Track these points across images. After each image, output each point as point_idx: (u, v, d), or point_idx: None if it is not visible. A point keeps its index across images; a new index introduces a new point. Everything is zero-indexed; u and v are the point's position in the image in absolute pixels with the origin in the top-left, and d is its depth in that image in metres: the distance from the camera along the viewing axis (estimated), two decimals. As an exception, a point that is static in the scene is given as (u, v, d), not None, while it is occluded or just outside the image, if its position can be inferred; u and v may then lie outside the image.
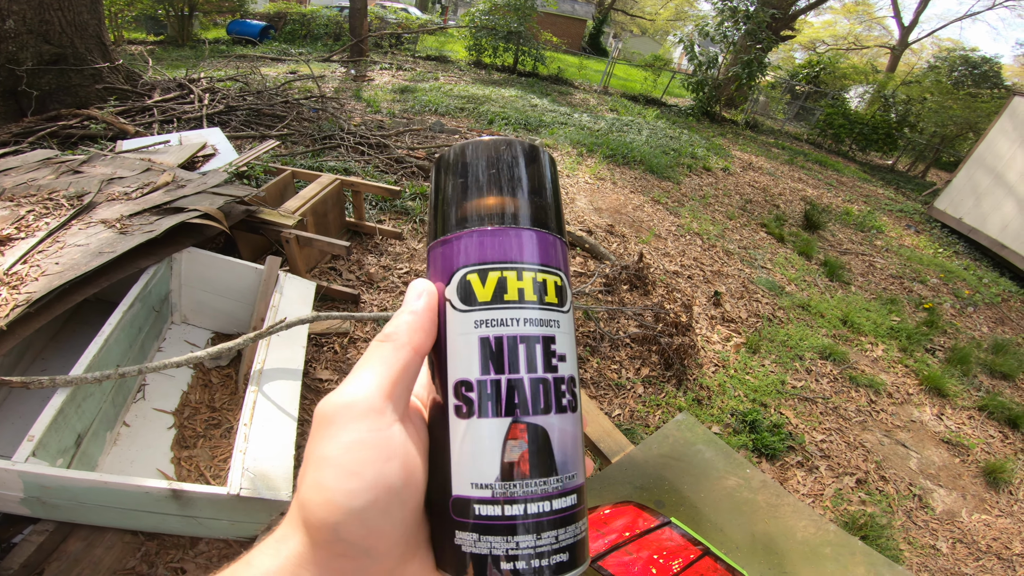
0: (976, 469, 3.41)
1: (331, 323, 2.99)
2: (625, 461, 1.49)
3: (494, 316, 0.25)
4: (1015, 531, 3.04)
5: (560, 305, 0.27)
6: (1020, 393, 4.44)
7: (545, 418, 0.25)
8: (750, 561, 1.24)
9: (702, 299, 4.00)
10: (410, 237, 3.94)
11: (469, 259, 0.26)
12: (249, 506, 1.60)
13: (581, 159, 6.55)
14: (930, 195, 10.85)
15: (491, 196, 0.27)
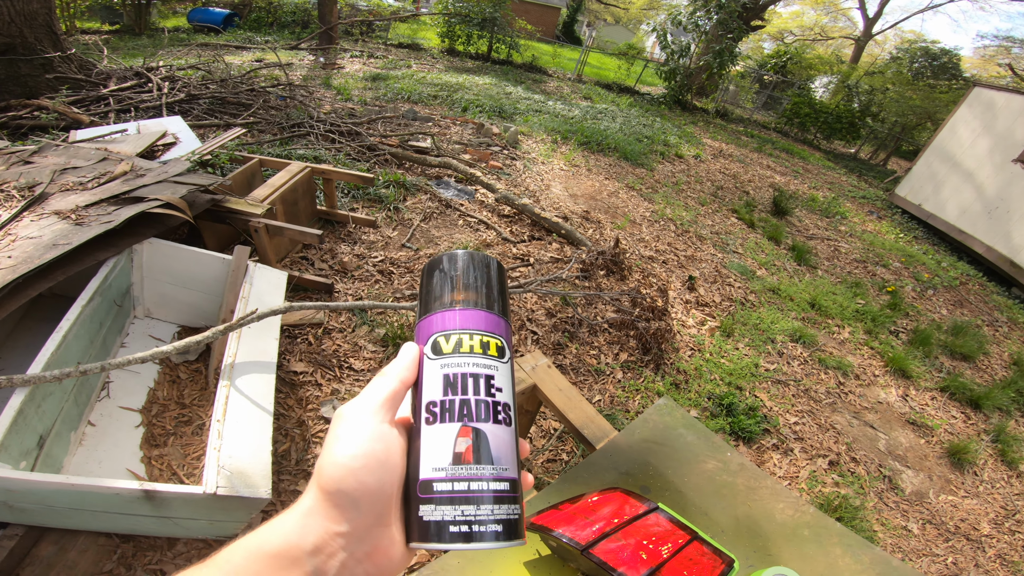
0: (941, 450, 3.50)
1: (304, 314, 2.92)
2: (609, 447, 1.51)
3: (453, 361, 0.39)
4: (981, 512, 3.11)
5: (499, 358, 0.40)
6: (979, 374, 4.61)
7: (484, 424, 0.37)
8: (735, 544, 1.27)
9: (677, 284, 4.07)
10: (384, 225, 3.87)
11: (439, 328, 0.40)
12: (227, 505, 1.56)
13: (556, 146, 6.55)
14: (891, 182, 11.27)
15: (455, 290, 0.43)
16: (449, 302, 0.42)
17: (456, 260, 0.44)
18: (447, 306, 0.41)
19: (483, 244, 3.87)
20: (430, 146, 5.44)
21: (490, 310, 0.42)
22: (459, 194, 4.70)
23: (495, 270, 0.45)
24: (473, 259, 0.44)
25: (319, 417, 2.42)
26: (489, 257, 0.45)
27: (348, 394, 2.50)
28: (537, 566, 1.13)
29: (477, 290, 0.42)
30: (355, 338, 2.80)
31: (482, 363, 0.39)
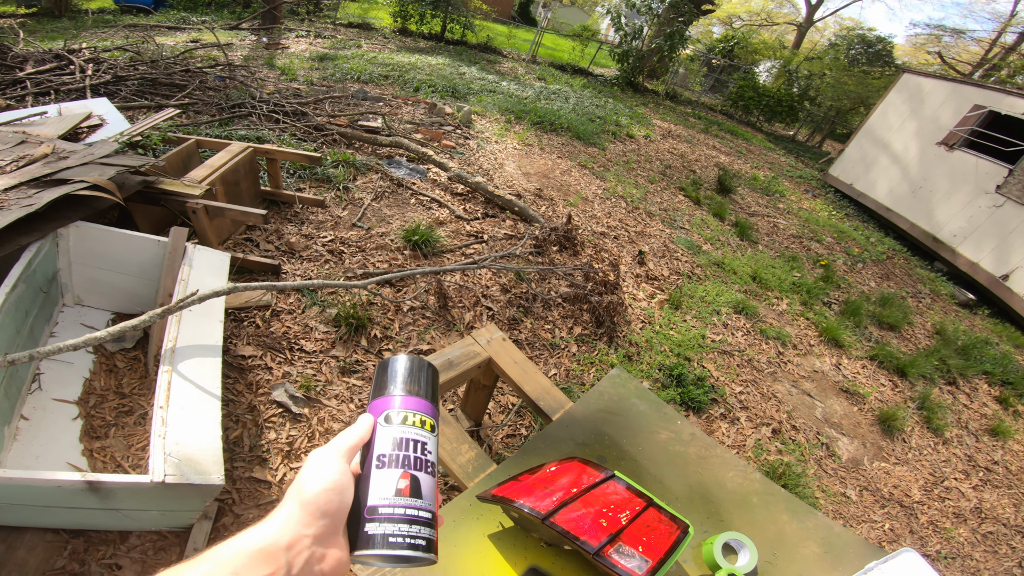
0: (872, 417, 3.67)
1: (250, 296, 2.82)
2: (566, 418, 1.55)
3: (400, 429, 0.53)
4: (912, 479, 3.29)
5: (431, 433, 0.55)
6: (905, 343, 4.91)
7: (419, 473, 0.51)
8: (689, 510, 1.32)
9: (628, 258, 4.19)
10: (333, 205, 3.77)
11: (392, 407, 0.55)
12: (178, 493, 1.51)
13: (509, 126, 6.53)
14: (825, 163, 11.93)
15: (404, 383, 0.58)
16: (400, 391, 0.56)
17: (405, 362, 0.60)
18: (399, 393, 0.56)
19: (436, 222, 3.84)
20: (381, 126, 5.30)
21: (427, 399, 0.57)
22: (411, 173, 4.63)
23: (431, 371, 0.61)
24: (416, 363, 0.60)
25: (271, 402, 2.36)
26: (426, 361, 0.61)
27: (300, 376, 2.46)
28: (501, 538, 1.16)
29: (419, 385, 0.58)
30: (305, 319, 2.74)
31: (420, 434, 0.53)
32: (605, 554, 0.98)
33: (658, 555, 1.01)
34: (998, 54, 18.91)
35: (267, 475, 2.09)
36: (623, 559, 0.98)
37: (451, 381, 1.84)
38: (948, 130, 7.94)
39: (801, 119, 16.77)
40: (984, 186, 7.17)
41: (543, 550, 1.14)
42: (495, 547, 1.14)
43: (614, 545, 1.00)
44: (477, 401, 2.31)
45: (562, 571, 1.11)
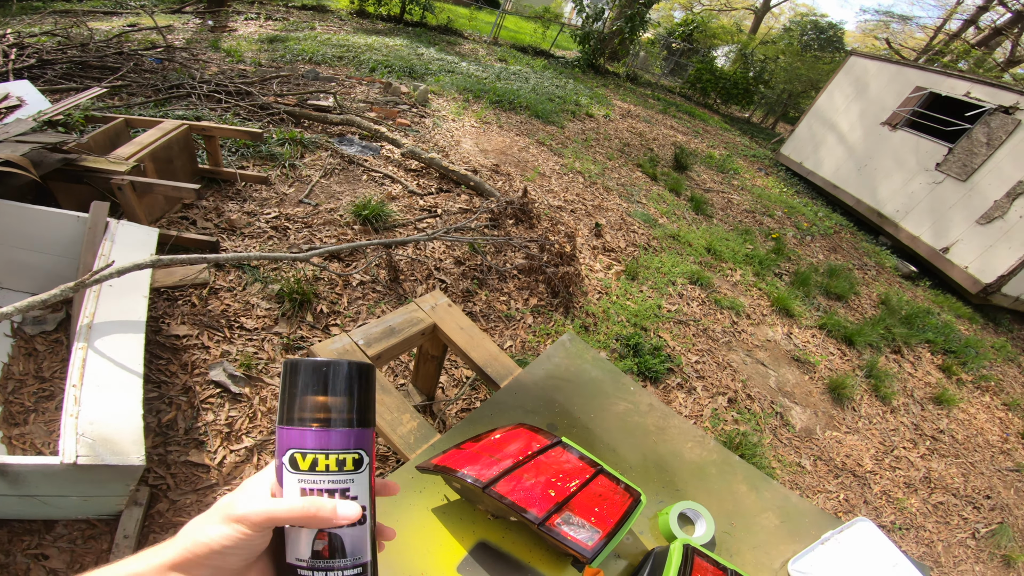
0: (823, 386, 3.75)
1: (185, 273, 2.66)
2: (514, 385, 1.48)
3: (309, 478, 0.43)
4: (863, 448, 3.36)
5: (356, 470, 0.44)
6: (852, 312, 5.08)
7: (340, 530, 0.43)
8: (644, 480, 1.29)
9: (584, 231, 4.19)
10: (279, 182, 3.59)
11: (297, 444, 0.43)
12: (94, 476, 1.42)
13: (467, 105, 6.41)
14: (777, 143, 12.30)
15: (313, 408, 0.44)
16: (308, 419, 0.43)
17: (318, 373, 0.44)
18: (305, 423, 0.43)
19: (388, 197, 3.72)
20: (332, 105, 5.09)
21: (348, 426, 0.44)
22: (363, 150, 4.47)
23: (358, 378, 0.46)
24: (337, 370, 0.45)
25: (208, 382, 2.24)
26: (352, 364, 0.45)
27: (240, 355, 2.34)
28: (446, 512, 1.09)
29: (336, 408, 0.44)
30: (246, 296, 2.60)
31: (338, 479, 0.43)
32: (551, 525, 0.92)
33: (609, 525, 0.97)
34: (942, 41, 19.85)
35: (204, 458, 1.99)
36: (572, 530, 0.93)
37: (393, 349, 1.77)
38: (891, 111, 8.24)
39: (756, 102, 17.23)
40: (925, 164, 7.48)
41: (492, 523, 1.08)
42: (440, 522, 1.07)
43: (561, 515, 0.95)
44: (428, 374, 2.25)
45: (513, 545, 1.06)
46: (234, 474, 1.97)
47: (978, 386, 4.75)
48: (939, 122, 7.36)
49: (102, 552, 1.59)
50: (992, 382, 4.86)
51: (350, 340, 1.71)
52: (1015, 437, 4.23)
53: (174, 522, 1.73)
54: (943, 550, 2.93)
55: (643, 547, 1.15)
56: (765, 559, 1.21)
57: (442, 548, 1.03)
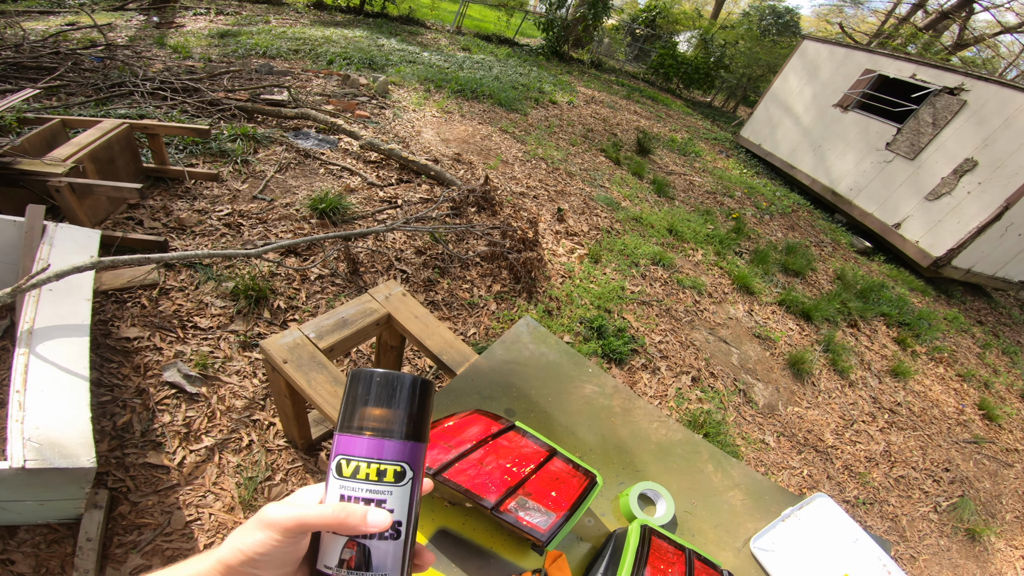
0: (783, 361, 3.83)
1: (134, 275, 2.57)
2: (470, 371, 1.46)
3: (350, 484, 0.43)
4: (824, 423, 3.43)
5: (396, 483, 0.44)
6: (809, 288, 5.21)
7: (369, 541, 0.43)
8: (604, 462, 1.28)
9: (547, 216, 4.21)
10: (231, 179, 3.48)
11: (345, 451, 0.44)
12: (45, 480, 1.41)
13: (429, 95, 6.32)
14: (737, 126, 12.57)
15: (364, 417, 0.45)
16: (358, 427, 0.45)
17: (374, 382, 0.46)
18: (355, 431, 0.45)
19: (347, 189, 3.65)
20: (286, 98, 4.95)
21: (396, 438, 0.45)
22: (320, 144, 4.37)
23: (413, 392, 0.46)
24: (393, 382, 0.46)
25: (163, 383, 2.18)
26: (413, 378, 0.46)
27: (195, 354, 2.28)
28: None
29: (387, 419, 0.45)
30: (199, 295, 2.53)
31: (376, 489, 0.43)
32: (505, 509, 0.92)
33: (564, 508, 0.96)
34: (893, 25, 20.53)
35: (163, 459, 1.95)
36: (526, 514, 0.93)
37: (346, 341, 1.75)
38: (843, 93, 8.46)
39: (717, 86, 17.53)
40: (875, 144, 7.74)
41: (450, 510, 1.08)
42: None
43: (515, 499, 0.94)
44: (388, 364, 2.24)
45: (473, 531, 1.06)
46: (195, 474, 1.94)
47: (932, 358, 4.92)
48: (888, 103, 7.61)
49: (67, 556, 1.58)
50: (946, 353, 5.03)
51: (301, 334, 1.69)
52: (970, 408, 4.38)
53: (137, 523, 1.71)
54: (907, 524, 3.02)
55: (605, 529, 1.15)
56: (727, 537, 1.22)
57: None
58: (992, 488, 3.58)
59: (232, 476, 1.96)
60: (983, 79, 6.52)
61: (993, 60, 19.04)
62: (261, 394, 2.25)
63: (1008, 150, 6.05)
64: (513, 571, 1.02)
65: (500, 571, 1.02)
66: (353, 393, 0.46)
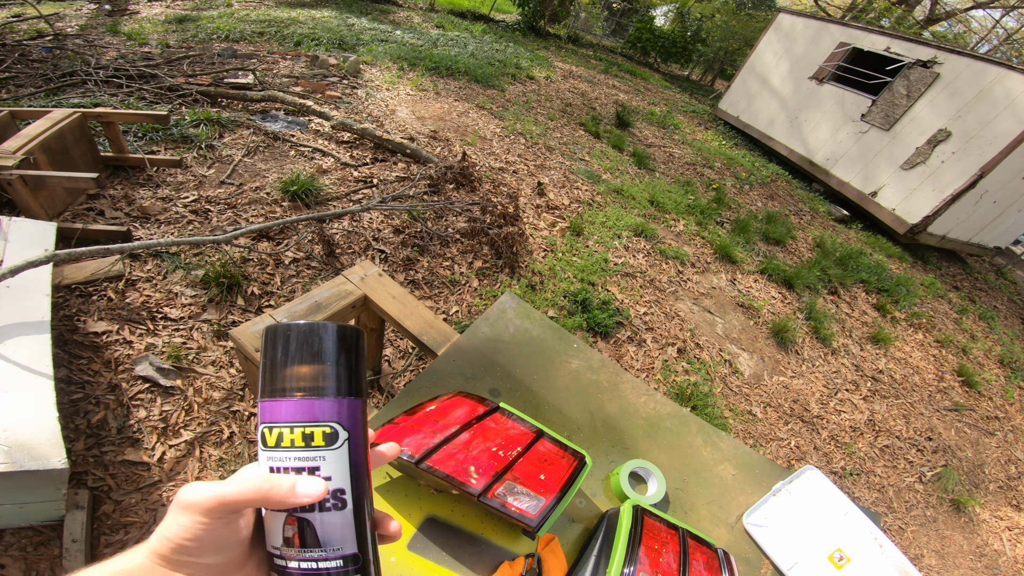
0: (767, 330, 3.82)
1: (97, 267, 2.45)
2: (452, 352, 1.41)
3: (276, 455, 0.40)
4: (809, 392, 3.44)
5: (328, 446, 0.40)
6: (790, 256, 5.23)
7: (309, 514, 0.39)
8: (593, 440, 1.25)
9: (527, 191, 4.13)
10: (196, 164, 3.34)
11: (267, 418, 0.40)
12: (19, 483, 1.38)
13: (402, 73, 6.13)
14: (715, 99, 12.54)
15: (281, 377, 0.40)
16: (275, 390, 0.40)
17: (290, 336, 0.41)
18: (275, 395, 0.40)
19: (319, 171, 3.53)
20: (252, 81, 4.75)
21: (320, 396, 0.40)
22: (289, 126, 4.21)
23: (339, 341, 0.41)
24: (310, 334, 0.41)
25: (135, 377, 2.10)
26: (334, 326, 0.41)
27: (168, 346, 2.19)
28: (390, 490, 1.04)
29: (308, 377, 0.40)
30: (168, 285, 2.43)
31: (306, 456, 0.39)
32: (492, 496, 0.89)
33: (553, 491, 0.94)
34: (867, -1, 20.50)
35: (143, 456, 1.89)
36: (515, 499, 0.90)
37: None
38: (818, 65, 8.53)
39: (694, 60, 17.43)
40: (851, 115, 7.84)
41: (437, 497, 1.05)
42: (385, 500, 1.03)
43: (502, 484, 0.91)
44: (369, 347, 2.18)
45: (463, 518, 1.03)
46: (176, 469, 1.89)
47: (911, 323, 5.00)
48: (863, 76, 7.70)
49: (55, 557, 1.55)
50: (924, 319, 5.12)
51: (272, 321, 1.62)
52: (950, 375, 4.45)
53: (123, 522, 1.68)
54: (894, 495, 3.06)
55: (597, 510, 1.13)
56: (720, 513, 1.21)
57: None
58: (974, 457, 3.66)
59: (215, 470, 1.91)
60: (956, 52, 6.62)
61: (965, 35, 19.20)
62: (239, 384, 2.17)
63: (982, 121, 6.16)
64: (506, 557, 1.00)
65: (493, 558, 0.99)
66: (270, 353, 0.41)
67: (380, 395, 2.32)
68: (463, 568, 0.97)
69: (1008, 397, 4.54)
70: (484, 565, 0.98)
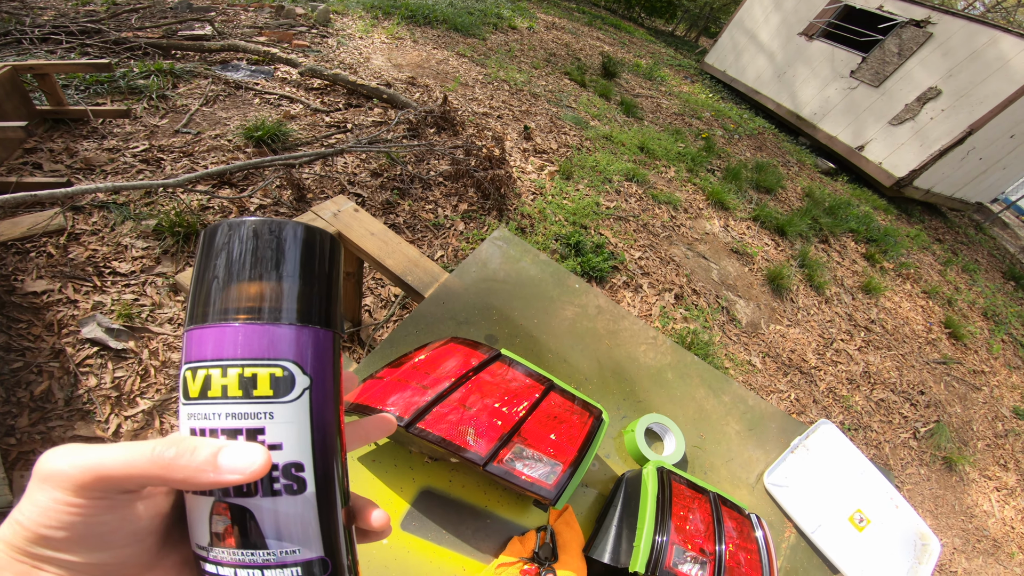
0: (761, 277, 3.75)
1: (35, 222, 2.18)
2: (441, 293, 1.22)
3: (199, 410, 0.27)
4: (805, 342, 3.37)
5: (277, 397, 0.27)
6: (780, 204, 5.20)
7: (249, 500, 0.27)
8: (603, 393, 1.11)
9: (513, 135, 3.90)
10: (147, 115, 3.02)
11: (192, 356, 0.28)
12: None
13: (376, 22, 5.73)
14: (700, 54, 12.31)
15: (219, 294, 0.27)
16: (206, 313, 0.27)
17: (232, 238, 0.27)
18: (204, 319, 0.27)
19: (287, 116, 3.23)
20: (210, 33, 4.35)
21: (270, 320, 0.27)
22: (253, 75, 3.86)
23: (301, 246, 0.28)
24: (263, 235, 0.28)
25: (81, 340, 1.86)
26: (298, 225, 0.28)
27: (117, 304, 1.95)
28: (377, 459, 0.86)
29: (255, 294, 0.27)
30: (116, 237, 2.17)
31: (242, 411, 0.26)
32: (500, 463, 0.72)
33: (570, 454, 0.77)
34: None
35: (95, 430, 1.68)
36: (526, 466, 0.73)
37: None
38: (808, 21, 8.45)
39: (679, 16, 16.98)
40: (840, 71, 7.85)
41: (432, 467, 0.88)
42: (372, 473, 0.85)
43: (511, 449, 0.74)
44: (347, 295, 1.96)
45: (463, 489, 0.87)
46: (136, 442, 1.67)
47: (899, 274, 5.01)
48: (854, 33, 7.67)
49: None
50: (911, 269, 5.15)
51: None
52: (937, 327, 4.48)
53: None
54: (890, 452, 3.03)
55: (612, 472, 1.00)
56: (741, 472, 1.13)
57: (381, 503, 0.83)
58: (963, 413, 3.66)
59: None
60: (951, 13, 6.64)
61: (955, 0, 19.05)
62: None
63: (973, 80, 6.27)
64: (514, 531, 0.85)
65: (500, 533, 0.85)
66: (203, 261, 0.28)
67: (361, 349, 2.12)
68: (467, 547, 0.83)
69: (993, 351, 4.60)
70: (490, 542, 0.84)
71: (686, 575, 0.76)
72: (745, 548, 0.84)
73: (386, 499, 0.84)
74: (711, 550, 0.80)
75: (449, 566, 0.81)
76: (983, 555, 2.78)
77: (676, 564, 0.77)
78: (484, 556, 0.82)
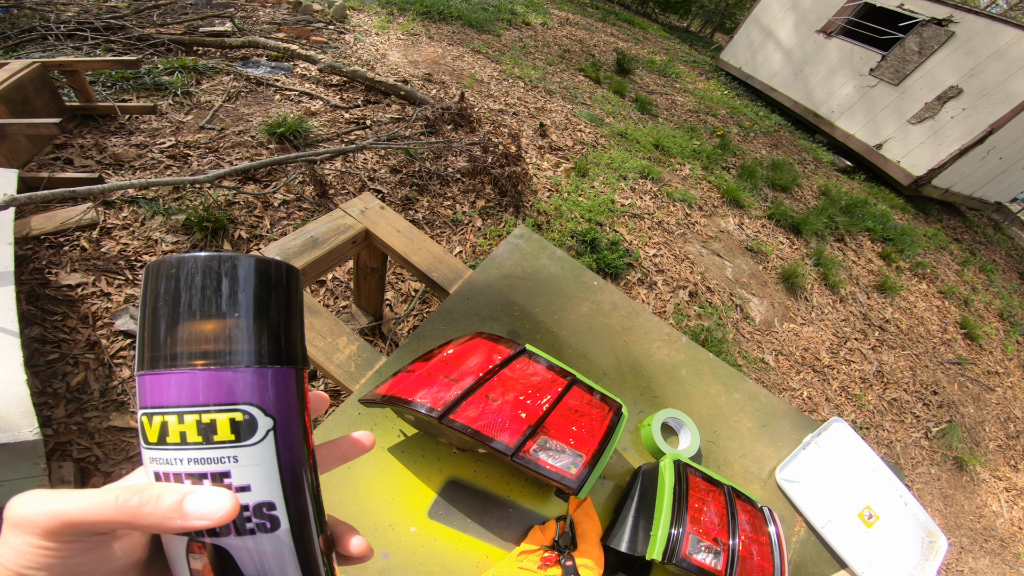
0: (776, 275, 3.74)
1: (68, 216, 2.26)
2: (465, 289, 1.28)
3: (161, 455, 0.27)
4: (819, 340, 3.36)
5: (240, 441, 0.27)
6: (796, 203, 5.16)
7: (223, 539, 0.27)
8: (621, 387, 1.15)
9: (529, 132, 3.92)
10: (172, 111, 3.10)
11: (146, 402, 0.27)
12: None
13: (392, 18, 5.77)
14: (716, 50, 12.17)
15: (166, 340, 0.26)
16: (158, 358, 0.26)
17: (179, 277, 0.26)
18: (155, 364, 0.26)
19: (308, 113, 3.29)
20: (230, 29, 4.42)
21: (226, 365, 0.26)
22: (273, 71, 3.93)
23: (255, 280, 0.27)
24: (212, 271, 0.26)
25: (115, 332, 1.94)
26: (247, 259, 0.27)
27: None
28: (405, 450, 0.91)
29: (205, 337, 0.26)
30: (146, 232, 2.24)
31: (204, 457, 0.26)
32: (526, 454, 0.76)
33: (592, 446, 0.81)
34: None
35: (129, 421, 1.73)
36: (550, 457, 0.78)
37: (319, 263, 1.50)
38: (827, 19, 8.35)
39: (694, 11, 16.80)
40: (859, 69, 7.77)
41: (459, 457, 0.92)
42: (401, 463, 0.90)
43: (536, 440, 0.78)
44: (370, 290, 2.01)
45: (487, 479, 0.91)
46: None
47: (915, 273, 4.96)
48: (873, 31, 7.59)
49: None
50: (928, 269, 5.09)
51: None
52: (953, 327, 4.44)
53: None
54: (901, 451, 3.03)
55: (628, 465, 1.04)
56: (753, 467, 1.16)
57: (407, 493, 0.87)
58: (976, 414, 3.63)
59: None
60: (973, 12, 6.55)
61: None
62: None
63: (996, 80, 6.20)
64: (535, 521, 0.90)
65: (521, 522, 0.90)
66: (151, 301, 0.27)
67: (383, 343, 2.18)
68: (490, 535, 0.87)
69: (1008, 352, 4.55)
70: (512, 531, 0.89)
71: (701, 563, 0.80)
72: (757, 540, 0.88)
73: (413, 489, 0.88)
74: (725, 540, 0.84)
75: (473, 553, 0.85)
76: (990, 555, 2.79)
77: (691, 553, 0.81)
78: (506, 544, 0.87)
